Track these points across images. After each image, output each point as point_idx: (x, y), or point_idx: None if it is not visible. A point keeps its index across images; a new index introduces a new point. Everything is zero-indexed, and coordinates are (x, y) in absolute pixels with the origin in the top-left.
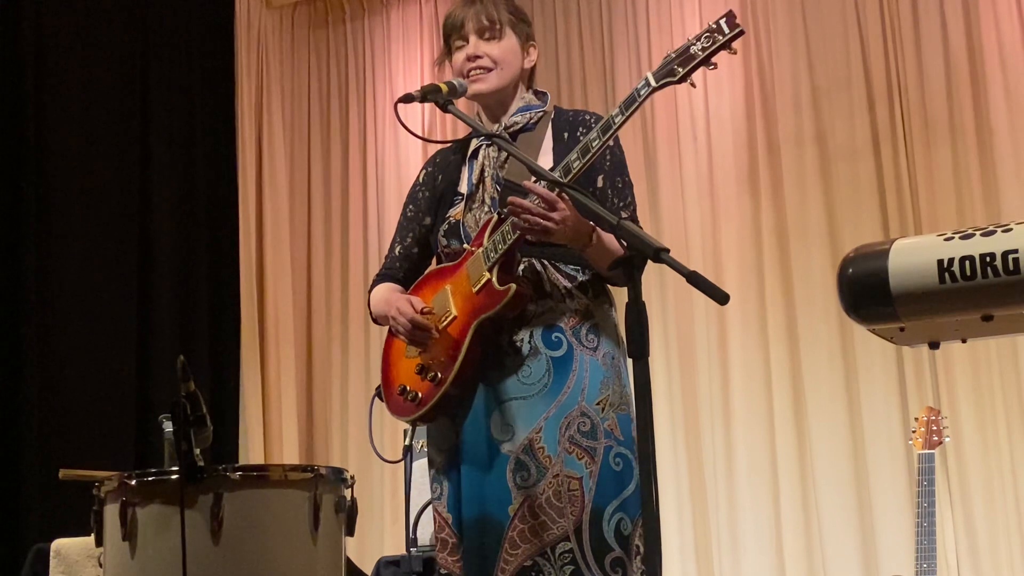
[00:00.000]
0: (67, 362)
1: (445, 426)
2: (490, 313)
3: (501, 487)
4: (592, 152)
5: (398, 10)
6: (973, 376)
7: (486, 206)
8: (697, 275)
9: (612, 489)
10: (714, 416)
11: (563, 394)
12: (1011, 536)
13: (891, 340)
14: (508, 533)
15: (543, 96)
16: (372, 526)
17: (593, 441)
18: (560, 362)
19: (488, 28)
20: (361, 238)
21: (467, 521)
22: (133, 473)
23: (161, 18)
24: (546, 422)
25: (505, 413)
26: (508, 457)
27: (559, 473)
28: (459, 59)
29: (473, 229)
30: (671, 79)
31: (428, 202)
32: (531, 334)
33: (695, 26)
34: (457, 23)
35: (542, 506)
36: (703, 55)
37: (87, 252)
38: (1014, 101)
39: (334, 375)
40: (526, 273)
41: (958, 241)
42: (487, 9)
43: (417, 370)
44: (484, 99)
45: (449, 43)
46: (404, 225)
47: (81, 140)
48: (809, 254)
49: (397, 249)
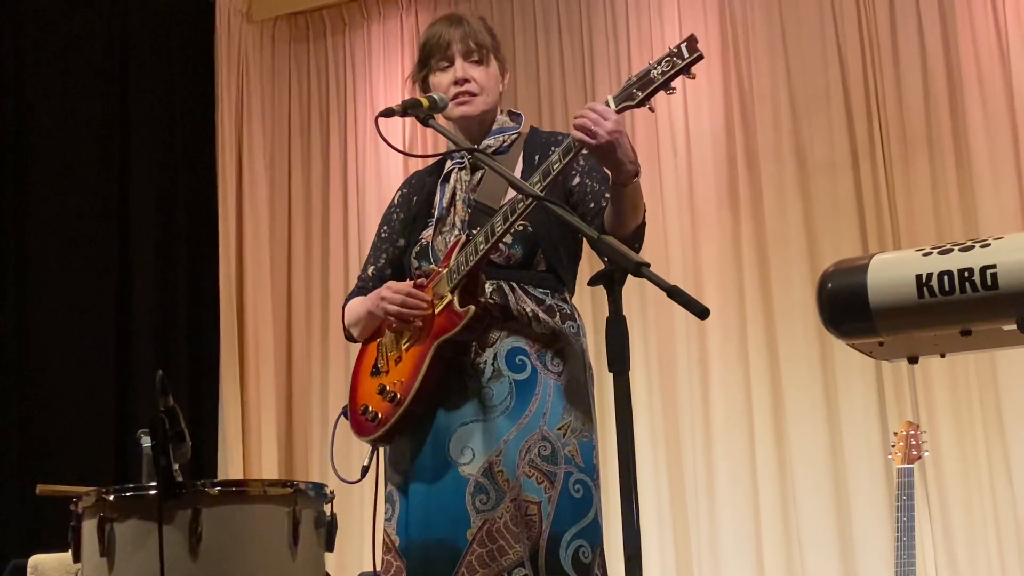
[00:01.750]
0: (46, 377)
1: (403, 447)
2: (449, 335)
3: (459, 510)
4: (552, 174)
5: (379, 24)
6: (952, 391)
7: (456, 229)
8: (677, 289)
9: (570, 516)
10: (694, 430)
11: (525, 417)
12: (989, 550)
13: (870, 355)
14: (466, 557)
15: (517, 118)
16: (352, 541)
17: (553, 466)
18: (523, 385)
19: (475, 51)
20: (341, 253)
21: (414, 544)
22: (111, 488)
23: (141, 31)
24: (506, 445)
25: (465, 435)
26: (467, 480)
27: (516, 497)
28: (444, 80)
29: (442, 251)
30: (630, 103)
31: (403, 223)
32: (495, 356)
33: (675, 42)
34: (442, 43)
35: (500, 530)
36: (662, 79)
37: (66, 266)
38: (991, 116)
39: (314, 390)
40: (493, 295)
41: (937, 256)
42: (475, 34)
43: (378, 390)
44: (467, 122)
45: (429, 62)
46: (378, 245)
47: (60, 154)
48: (789, 269)
49: (371, 269)
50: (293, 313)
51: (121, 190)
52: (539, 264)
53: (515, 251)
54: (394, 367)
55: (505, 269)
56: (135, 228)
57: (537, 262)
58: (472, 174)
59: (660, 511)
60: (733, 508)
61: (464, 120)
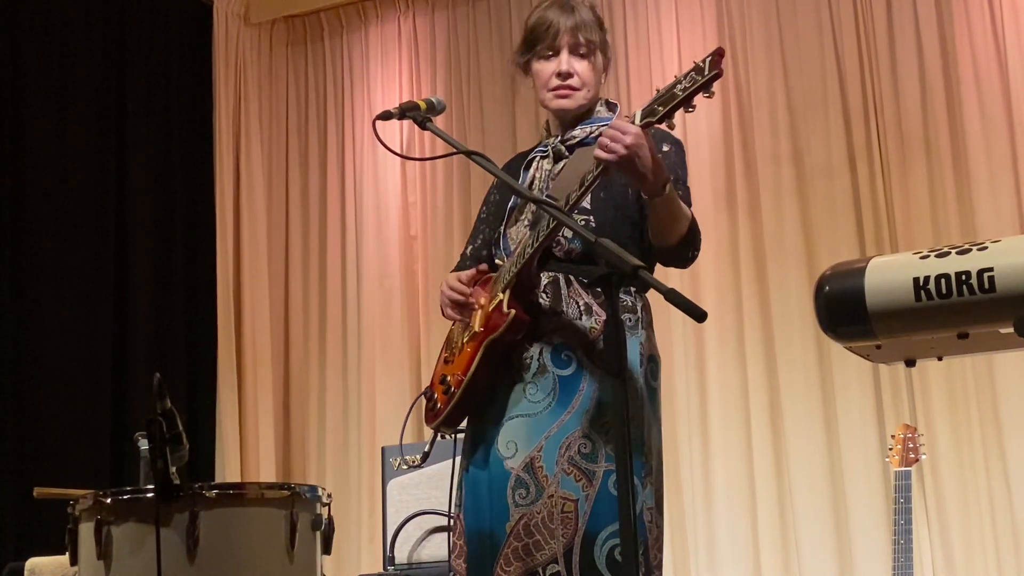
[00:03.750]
0: (43, 379)
1: (468, 436)
2: (495, 335)
3: (501, 503)
4: (587, 185)
5: (376, 27)
6: (949, 393)
7: (526, 220)
8: (675, 292)
9: (608, 514)
10: (691, 433)
11: (567, 414)
12: (987, 553)
13: (867, 358)
14: (504, 550)
15: (614, 108)
16: (349, 544)
17: (592, 464)
18: (567, 382)
19: (583, 45)
20: (339, 255)
21: (470, 531)
22: (108, 491)
23: (139, 35)
24: (547, 441)
25: (510, 430)
26: (510, 474)
27: (554, 494)
28: (546, 69)
29: (514, 242)
30: (651, 118)
31: (497, 206)
32: (540, 351)
33: (672, 44)
34: (552, 32)
35: (537, 525)
36: (682, 95)
37: (63, 270)
38: (989, 119)
39: (311, 393)
40: (547, 289)
41: (934, 259)
42: (585, 28)
43: (440, 379)
44: (563, 114)
45: (535, 47)
46: (477, 226)
47: (57, 158)
48: (786, 272)
49: (468, 249)
50: (290, 316)
51: (118, 194)
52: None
53: (575, 245)
54: (457, 357)
55: (564, 262)
56: (132, 232)
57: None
58: (555, 163)
59: None
60: (730, 512)
61: (561, 112)
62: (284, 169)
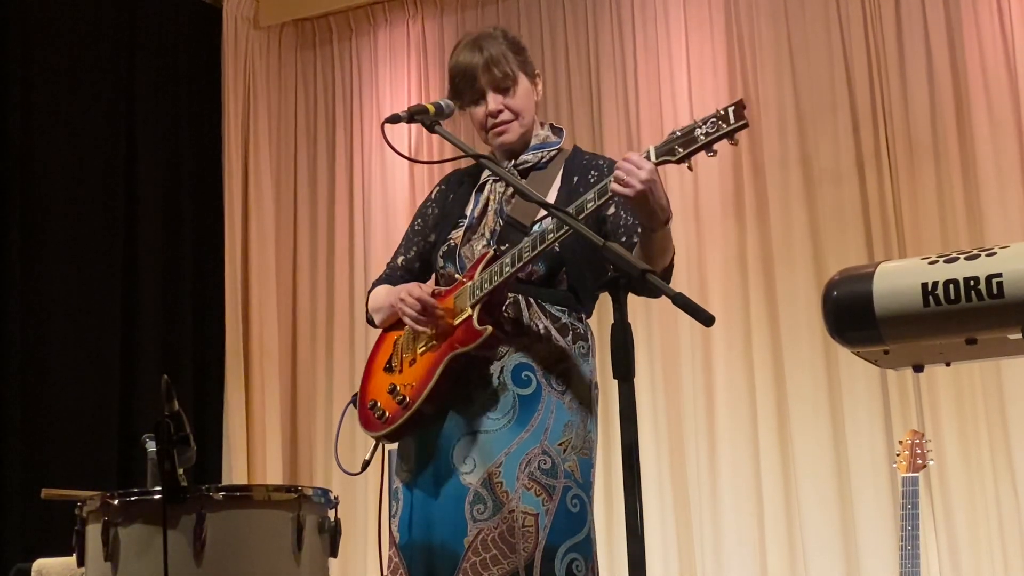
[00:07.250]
0: (50, 381)
1: (410, 446)
2: (464, 349)
3: (458, 516)
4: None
5: (385, 31)
6: (957, 399)
7: (484, 239)
8: (683, 297)
9: (566, 529)
10: (699, 438)
11: (526, 431)
12: (994, 559)
13: (875, 363)
14: (462, 564)
15: (559, 132)
16: (355, 547)
17: (552, 479)
18: (527, 400)
19: (502, 80)
20: (347, 258)
21: (415, 544)
22: (116, 493)
23: (148, 38)
24: (507, 458)
25: (468, 445)
26: (468, 488)
27: (515, 509)
28: (478, 114)
29: (468, 260)
30: (670, 158)
31: (436, 219)
32: (501, 369)
33: (681, 48)
34: (469, 78)
35: (495, 540)
36: (705, 140)
37: (72, 271)
38: (997, 125)
39: (318, 395)
40: (508, 309)
41: (942, 265)
42: (498, 63)
43: (389, 388)
44: (508, 146)
45: (461, 96)
46: (410, 237)
47: (67, 159)
48: (794, 276)
49: (400, 259)
50: (298, 318)
51: (127, 196)
52: (561, 283)
53: (538, 268)
54: (408, 368)
55: (525, 284)
56: (141, 233)
57: (559, 280)
58: (506, 187)
59: (664, 518)
60: (737, 516)
61: (506, 146)
62: (292, 172)
